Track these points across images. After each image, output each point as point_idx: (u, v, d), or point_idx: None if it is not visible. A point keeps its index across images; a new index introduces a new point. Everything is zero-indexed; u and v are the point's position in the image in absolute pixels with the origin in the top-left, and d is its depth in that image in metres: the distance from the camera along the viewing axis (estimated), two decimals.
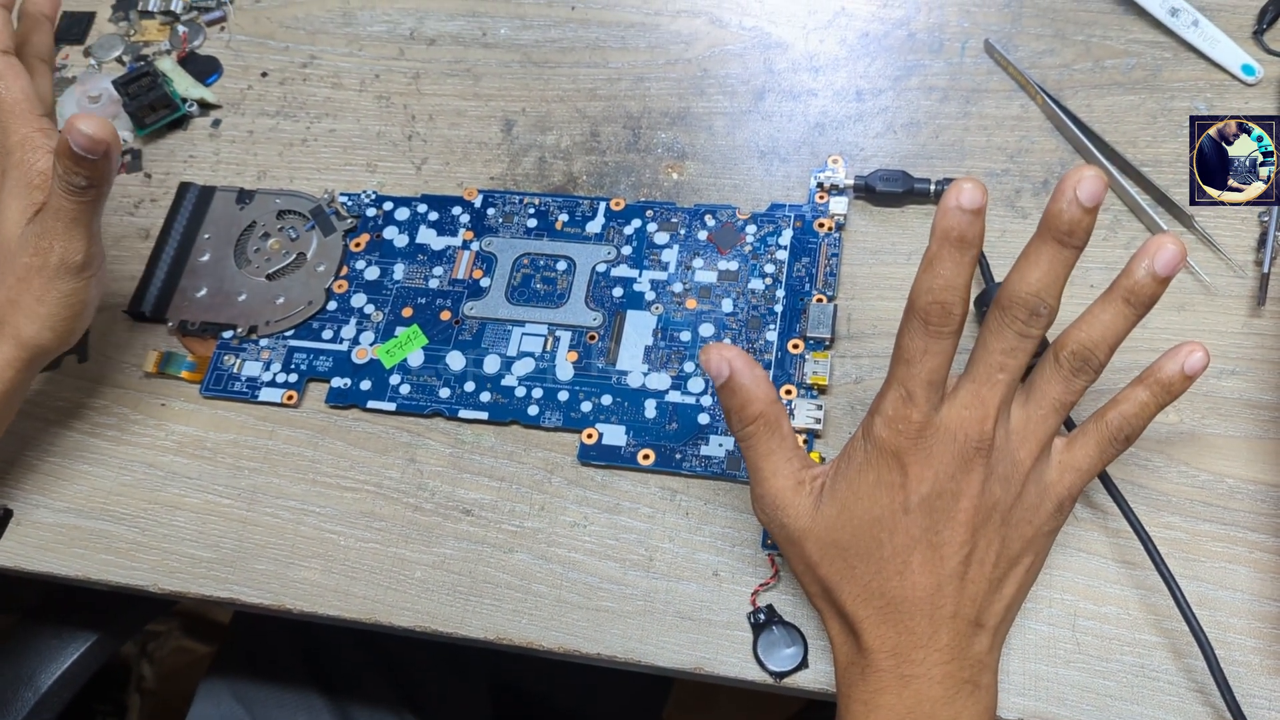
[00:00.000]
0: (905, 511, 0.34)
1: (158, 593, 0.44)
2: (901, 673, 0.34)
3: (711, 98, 0.53)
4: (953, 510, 0.34)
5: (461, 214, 0.50)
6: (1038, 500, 0.36)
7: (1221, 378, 0.42)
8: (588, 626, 0.41)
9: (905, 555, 0.34)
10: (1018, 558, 0.36)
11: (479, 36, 0.57)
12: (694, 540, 0.42)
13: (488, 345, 0.47)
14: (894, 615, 0.34)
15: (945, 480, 0.34)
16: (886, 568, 0.34)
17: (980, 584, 0.35)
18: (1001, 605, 0.35)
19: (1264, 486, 0.40)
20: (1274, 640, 0.38)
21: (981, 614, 0.35)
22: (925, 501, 0.34)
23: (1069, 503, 0.36)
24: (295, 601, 0.43)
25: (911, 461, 0.34)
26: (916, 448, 0.34)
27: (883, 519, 0.35)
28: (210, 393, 0.48)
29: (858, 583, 0.35)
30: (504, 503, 0.44)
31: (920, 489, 0.34)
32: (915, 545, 0.34)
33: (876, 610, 0.35)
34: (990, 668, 0.35)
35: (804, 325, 0.45)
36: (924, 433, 0.34)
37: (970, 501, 0.34)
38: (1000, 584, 0.35)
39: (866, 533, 0.35)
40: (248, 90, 0.57)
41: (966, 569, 0.34)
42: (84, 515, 0.46)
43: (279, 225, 0.51)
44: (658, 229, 0.49)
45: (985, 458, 0.34)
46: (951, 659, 0.34)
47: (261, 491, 0.46)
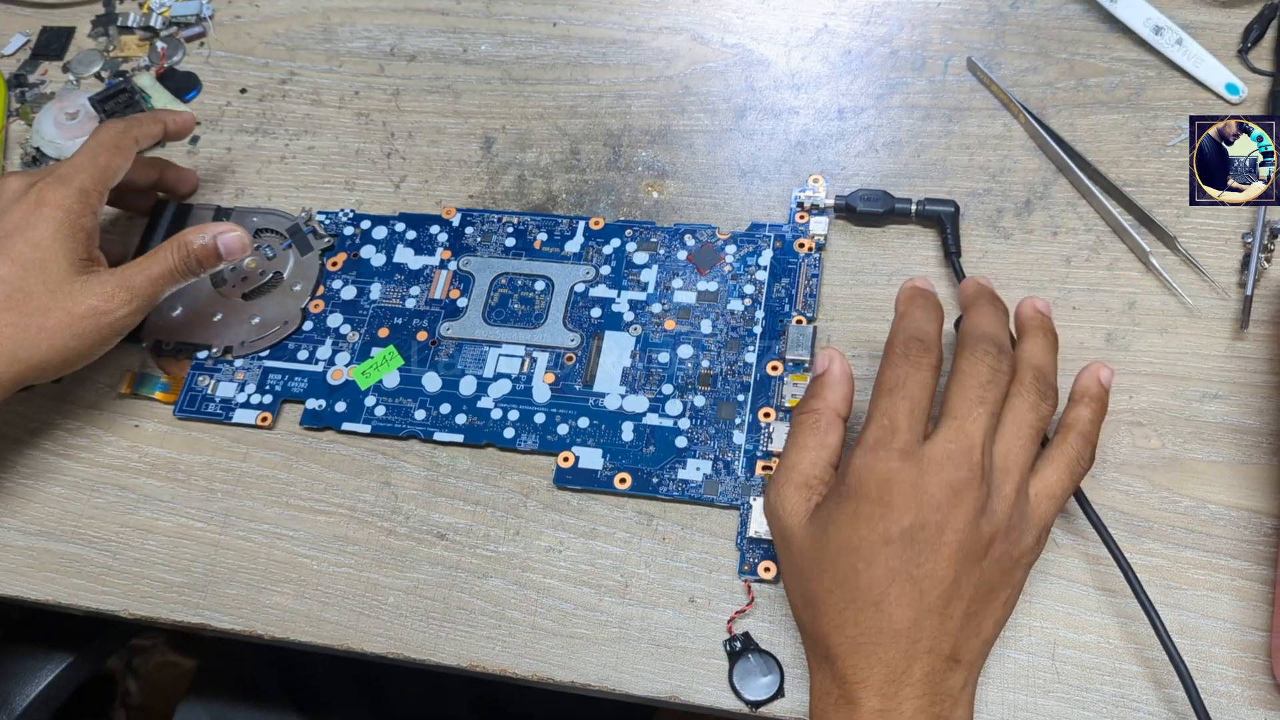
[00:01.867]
0: (885, 543, 0.34)
1: (128, 618, 0.44)
2: (874, 706, 0.33)
3: (693, 115, 0.52)
4: (936, 543, 0.33)
5: (440, 233, 0.50)
6: (1020, 532, 0.35)
7: (1204, 401, 0.42)
8: (562, 654, 0.41)
9: (883, 587, 0.33)
10: (996, 591, 0.35)
11: (459, 53, 0.56)
12: (670, 566, 0.42)
13: (464, 366, 0.46)
14: (868, 646, 0.34)
15: (930, 512, 0.33)
16: (861, 597, 0.34)
17: (958, 619, 0.34)
18: (980, 640, 0.35)
19: (1247, 513, 0.40)
20: (1256, 670, 0.37)
21: (958, 649, 0.34)
22: (907, 533, 0.33)
23: (1046, 532, 0.36)
24: (267, 627, 0.43)
25: (895, 493, 0.34)
26: (900, 478, 0.34)
27: (860, 549, 0.34)
28: (184, 414, 0.47)
29: (833, 608, 0.34)
30: (479, 527, 0.43)
31: (902, 520, 0.33)
32: (894, 578, 0.33)
33: (850, 640, 0.34)
34: (965, 704, 0.35)
35: (783, 347, 0.44)
36: (907, 462, 0.34)
37: (955, 535, 0.33)
38: (979, 618, 0.35)
39: (844, 561, 0.34)
40: (226, 107, 0.57)
41: (947, 604, 0.34)
42: (55, 538, 0.46)
43: (256, 244, 0.50)
44: (637, 249, 0.48)
45: (975, 490, 0.34)
46: (924, 694, 0.33)
47: (234, 515, 0.45)
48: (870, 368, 0.43)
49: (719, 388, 0.44)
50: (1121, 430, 0.42)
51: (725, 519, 0.42)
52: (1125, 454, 0.41)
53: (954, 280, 0.45)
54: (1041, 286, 0.45)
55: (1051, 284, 0.45)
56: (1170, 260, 0.45)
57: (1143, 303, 0.44)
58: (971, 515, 0.34)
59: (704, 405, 0.44)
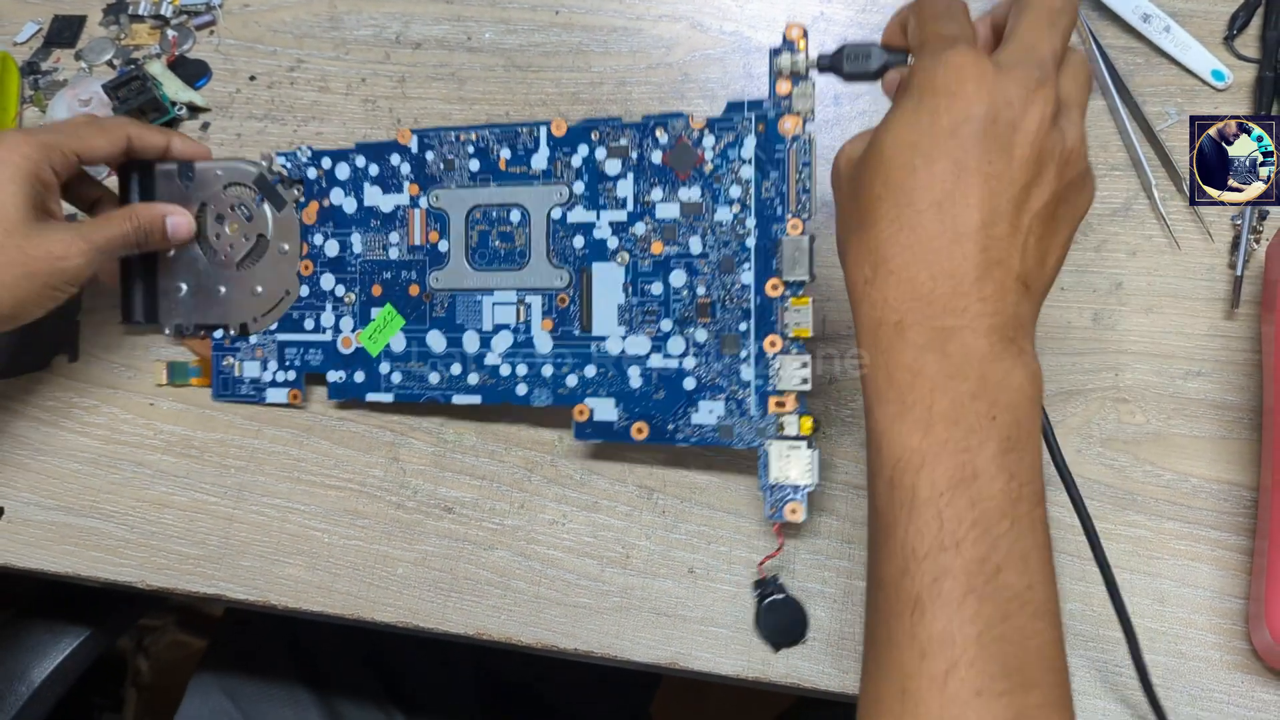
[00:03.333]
0: (951, 134, 0.30)
1: (145, 589, 0.45)
2: (942, 324, 0.30)
3: (692, 102, 0.53)
4: (1009, 141, 0.30)
5: (400, 163, 0.49)
6: (1084, 170, 0.32)
7: (1188, 379, 0.43)
8: (565, 622, 0.42)
9: (948, 183, 0.30)
10: (1060, 223, 0.32)
11: (464, 41, 0.57)
12: (670, 538, 0.43)
13: (463, 321, 0.46)
14: (931, 254, 0.30)
15: (1003, 106, 0.30)
16: (919, 198, 0.30)
17: (1032, 234, 0.30)
18: (1045, 272, 0.31)
19: (1227, 486, 0.41)
20: (1235, 636, 0.39)
21: (1028, 273, 0.30)
22: (978, 123, 0.30)
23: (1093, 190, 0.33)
24: (280, 597, 0.44)
25: (966, 80, 0.30)
26: (972, 67, 0.30)
27: (919, 144, 0.30)
28: (221, 397, 0.48)
29: (884, 217, 0.30)
30: (485, 501, 0.45)
31: (973, 109, 0.30)
32: (961, 172, 0.30)
33: (907, 249, 0.30)
34: (1032, 337, 0.31)
35: (779, 264, 0.41)
36: (980, 56, 0.30)
37: (1028, 137, 0.30)
38: (1044, 245, 0.31)
39: (899, 159, 0.30)
40: (236, 94, 0.58)
41: (1018, 212, 0.30)
42: (73, 513, 0.47)
43: (229, 203, 0.50)
44: (607, 155, 0.45)
45: (1049, 94, 0.30)
46: (997, 312, 0.30)
47: (247, 490, 0.47)
48: None
49: (719, 317, 0.43)
50: (1107, 406, 0.43)
51: (724, 491, 0.43)
52: (1110, 429, 0.42)
53: None
54: None
55: None
56: (1160, 241, 0.46)
57: (1129, 283, 0.45)
58: (1046, 121, 0.30)
59: (706, 340, 0.43)
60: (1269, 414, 0.40)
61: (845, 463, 0.43)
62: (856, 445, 0.44)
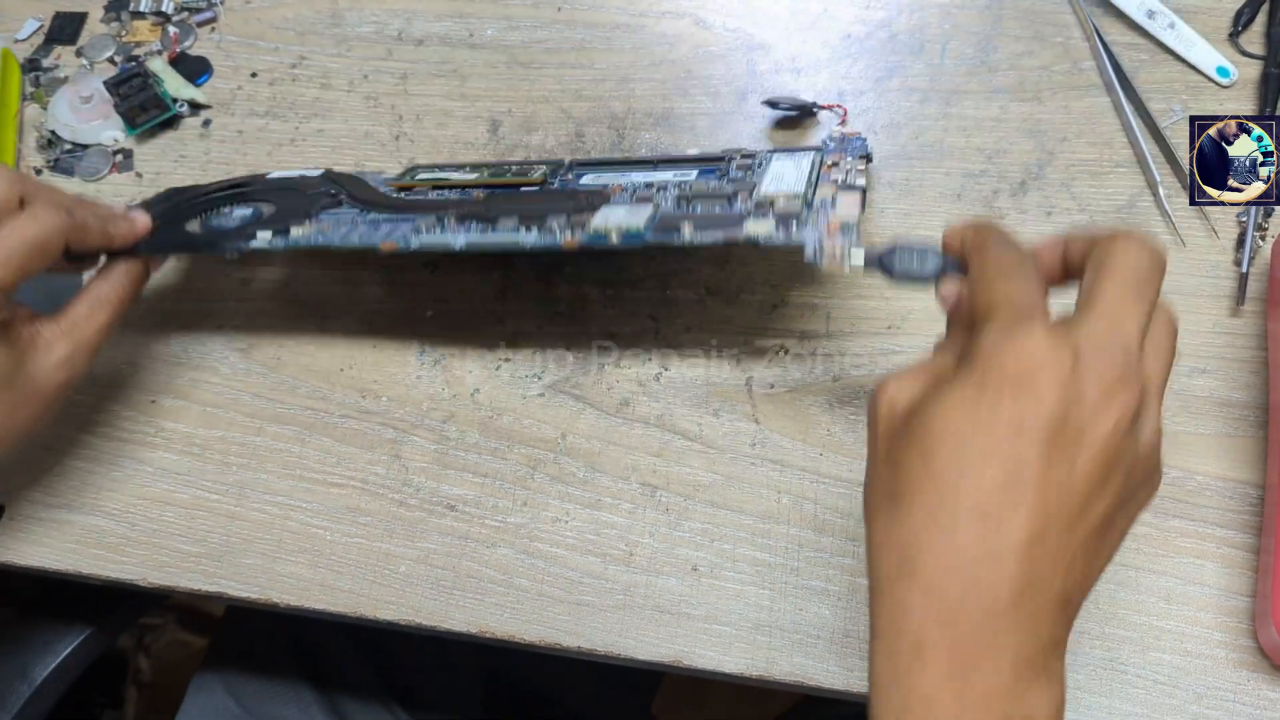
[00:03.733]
0: (1016, 434, 0.26)
1: (147, 586, 0.45)
2: (966, 651, 0.26)
3: (695, 98, 0.53)
4: (1077, 446, 0.26)
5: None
6: (1156, 467, 0.29)
7: (1193, 376, 0.43)
8: (568, 620, 0.42)
9: (1000, 492, 0.26)
10: (1115, 525, 0.29)
11: (466, 37, 0.57)
12: (673, 536, 0.43)
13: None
14: (965, 567, 0.26)
15: (1076, 407, 0.26)
16: (964, 500, 0.26)
17: (1082, 550, 0.27)
18: (1090, 582, 0.29)
19: (1232, 483, 0.41)
20: (1241, 634, 0.38)
21: (1070, 589, 0.27)
22: (1044, 428, 0.26)
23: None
24: (282, 595, 0.44)
25: (1041, 375, 0.26)
26: (1048, 359, 0.27)
27: (974, 439, 0.27)
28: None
29: (921, 509, 0.27)
30: (487, 498, 0.45)
31: (1044, 410, 0.26)
32: (1017, 484, 0.26)
33: (940, 557, 0.26)
34: (1063, 652, 0.28)
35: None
36: (1057, 342, 0.27)
37: (1099, 444, 0.27)
38: (1097, 556, 0.28)
39: (948, 449, 0.27)
40: (238, 90, 0.58)
41: (1073, 528, 0.27)
42: (75, 510, 0.47)
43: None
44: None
45: (1131, 395, 0.27)
46: (1030, 640, 0.27)
47: (249, 487, 0.46)
48: (872, 346, 0.44)
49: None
50: None
51: (726, 490, 0.43)
52: None
53: None
54: None
55: None
56: (1166, 238, 0.46)
57: None
58: (1123, 425, 0.27)
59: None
60: (1274, 411, 0.40)
61: (847, 460, 0.43)
62: (860, 443, 0.43)
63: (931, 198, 0.48)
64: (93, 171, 0.56)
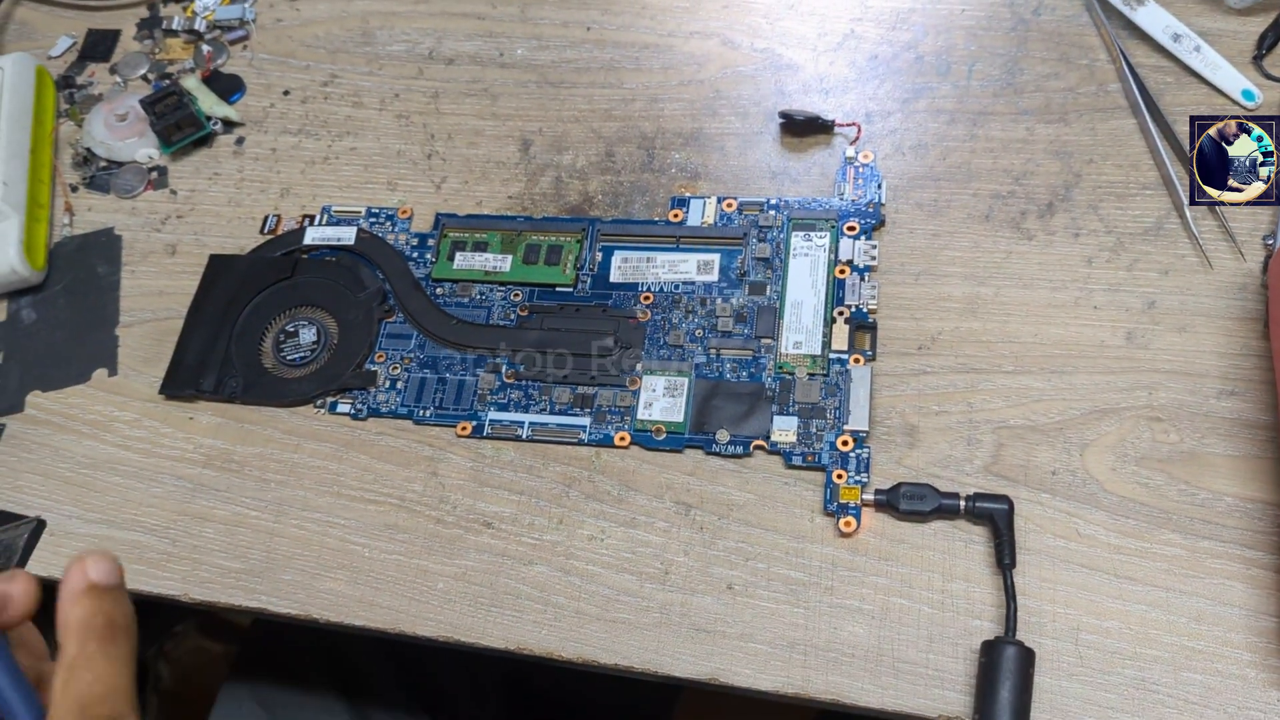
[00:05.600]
0: None
1: (189, 602, 0.46)
2: None
3: (724, 118, 0.54)
4: None
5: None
6: None
7: (1221, 398, 0.43)
8: (605, 637, 0.43)
9: None
10: None
11: (496, 56, 0.58)
12: (708, 554, 0.43)
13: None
14: None
15: None
16: None
17: None
18: None
19: (1261, 504, 0.41)
20: (1270, 654, 0.39)
21: None
22: None
23: None
24: (322, 612, 0.45)
25: None
26: None
27: None
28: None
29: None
30: (524, 515, 0.45)
31: None
32: None
33: None
34: None
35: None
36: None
37: None
38: None
39: None
40: (270, 108, 0.58)
41: None
42: (115, 526, 0.48)
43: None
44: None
45: None
46: None
47: (288, 504, 0.47)
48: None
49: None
50: (1141, 425, 0.43)
51: (761, 509, 0.44)
52: (1145, 448, 0.43)
53: (1004, 588, 0.40)
54: (1063, 286, 0.47)
55: (1073, 284, 0.47)
56: (1186, 251, 0.46)
57: (1162, 302, 0.46)
58: None
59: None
60: None
61: (878, 479, 0.44)
62: (891, 463, 0.44)
63: (959, 219, 0.49)
64: (128, 189, 0.57)
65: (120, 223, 0.56)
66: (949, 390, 0.45)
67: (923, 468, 0.44)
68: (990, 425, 0.44)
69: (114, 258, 0.55)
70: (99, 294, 0.54)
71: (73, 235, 0.56)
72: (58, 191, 0.58)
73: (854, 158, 0.51)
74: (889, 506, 0.43)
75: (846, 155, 0.51)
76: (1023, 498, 0.42)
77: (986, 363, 0.46)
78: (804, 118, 0.52)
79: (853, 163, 0.51)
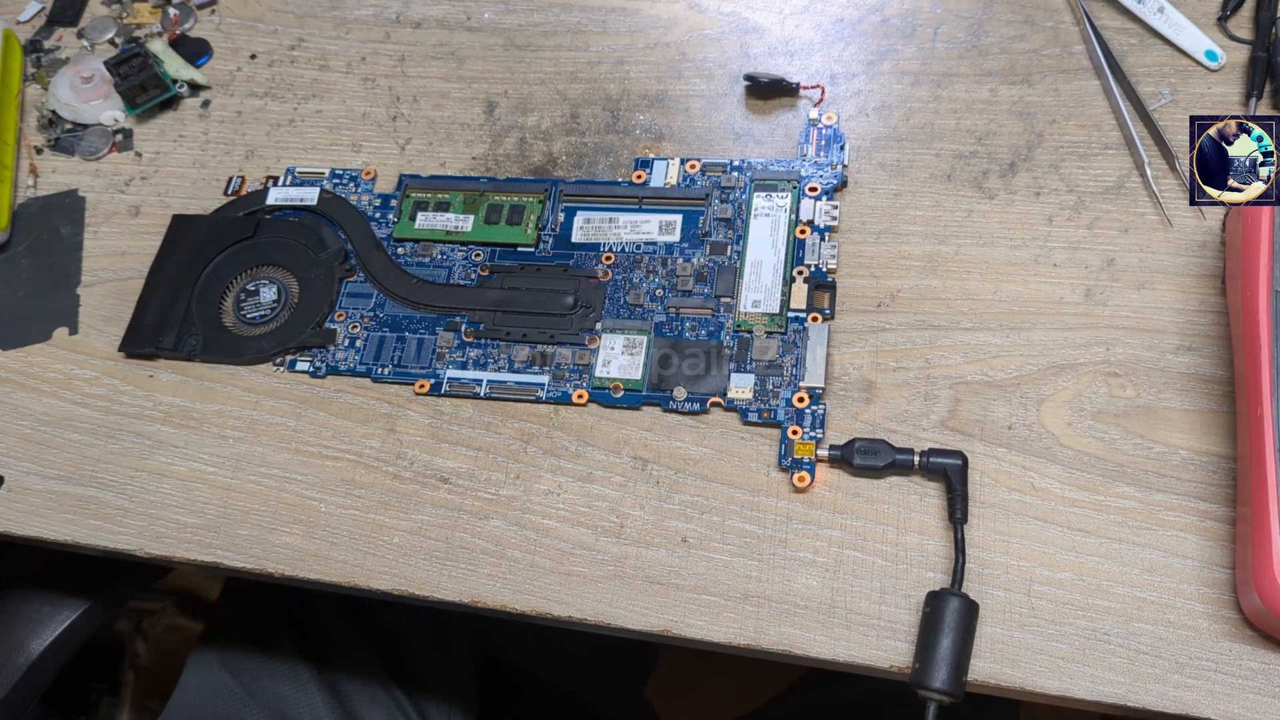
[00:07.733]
0: None
1: (144, 557, 0.46)
2: None
3: (689, 81, 0.54)
4: None
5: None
6: None
7: (1178, 354, 0.43)
8: (559, 590, 0.42)
9: None
10: None
11: (463, 20, 0.58)
12: (663, 508, 0.43)
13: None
14: None
15: None
16: None
17: None
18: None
19: (1215, 458, 0.41)
20: (1223, 605, 0.39)
21: None
22: None
23: None
24: (277, 565, 0.44)
25: None
26: None
27: None
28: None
29: None
30: (481, 471, 0.45)
31: None
32: None
33: None
34: None
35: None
36: None
37: None
38: None
39: None
40: (237, 72, 0.58)
41: None
42: (73, 482, 0.48)
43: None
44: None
45: None
46: None
47: (245, 460, 0.47)
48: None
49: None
50: (1098, 380, 0.43)
51: (717, 464, 0.44)
52: (1101, 403, 0.43)
53: (954, 542, 0.41)
54: (1023, 244, 0.47)
55: (1034, 242, 0.47)
56: (1152, 218, 0.46)
57: (1121, 260, 0.46)
58: None
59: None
60: (1240, 384, 0.40)
61: (834, 434, 0.44)
62: (848, 418, 0.44)
63: (922, 179, 0.49)
64: (93, 151, 0.57)
65: (85, 184, 0.56)
66: (907, 347, 0.45)
67: (880, 423, 0.44)
68: (948, 381, 0.44)
69: (77, 219, 0.55)
70: (62, 254, 0.54)
71: (37, 196, 0.56)
72: (23, 154, 0.57)
73: (818, 120, 0.51)
74: (843, 462, 0.43)
75: (810, 117, 0.51)
76: (979, 452, 0.42)
77: (945, 319, 0.46)
78: (769, 80, 0.52)
79: (816, 125, 0.51)
